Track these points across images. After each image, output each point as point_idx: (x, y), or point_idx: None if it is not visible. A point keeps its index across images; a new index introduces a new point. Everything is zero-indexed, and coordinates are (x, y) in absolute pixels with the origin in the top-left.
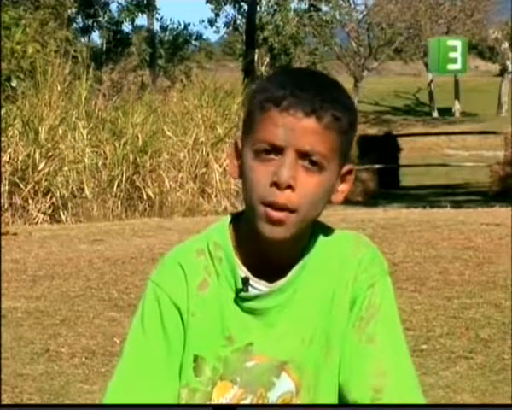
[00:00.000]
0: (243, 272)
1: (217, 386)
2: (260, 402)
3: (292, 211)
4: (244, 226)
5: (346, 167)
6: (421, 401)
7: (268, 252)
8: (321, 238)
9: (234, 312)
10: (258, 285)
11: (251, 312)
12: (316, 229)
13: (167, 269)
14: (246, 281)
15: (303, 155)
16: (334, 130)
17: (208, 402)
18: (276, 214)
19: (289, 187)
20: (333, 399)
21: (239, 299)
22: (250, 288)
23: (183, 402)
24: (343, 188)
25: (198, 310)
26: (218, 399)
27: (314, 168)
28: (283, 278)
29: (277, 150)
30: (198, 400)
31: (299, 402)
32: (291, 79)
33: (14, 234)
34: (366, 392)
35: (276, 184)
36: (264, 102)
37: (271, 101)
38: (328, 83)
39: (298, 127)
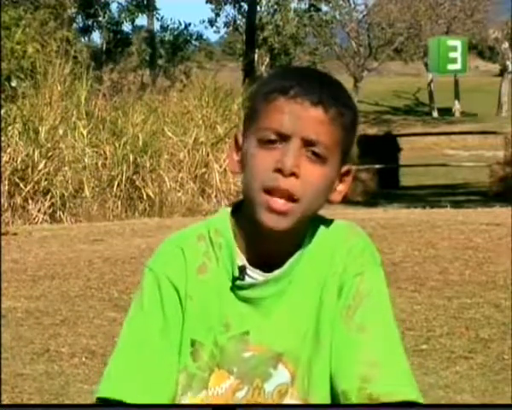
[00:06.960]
0: (241, 260)
1: (214, 373)
2: (256, 393)
3: (294, 200)
4: (243, 217)
5: (345, 168)
6: (413, 392)
7: (266, 242)
8: (318, 230)
9: (230, 299)
10: (253, 274)
11: (246, 300)
12: (313, 221)
13: (167, 252)
14: (242, 269)
15: (307, 143)
16: (339, 124)
17: (205, 388)
18: (279, 204)
19: (293, 174)
20: (326, 389)
21: (235, 287)
22: (246, 277)
23: (180, 386)
24: (341, 188)
25: (196, 294)
26: (214, 387)
27: (317, 159)
28: (279, 269)
29: (282, 138)
30: (195, 385)
31: (294, 392)
32: (296, 73)
33: (14, 234)
34: (353, 381)
35: (279, 171)
36: (269, 92)
37: (278, 90)
38: (332, 81)
39: (304, 116)
